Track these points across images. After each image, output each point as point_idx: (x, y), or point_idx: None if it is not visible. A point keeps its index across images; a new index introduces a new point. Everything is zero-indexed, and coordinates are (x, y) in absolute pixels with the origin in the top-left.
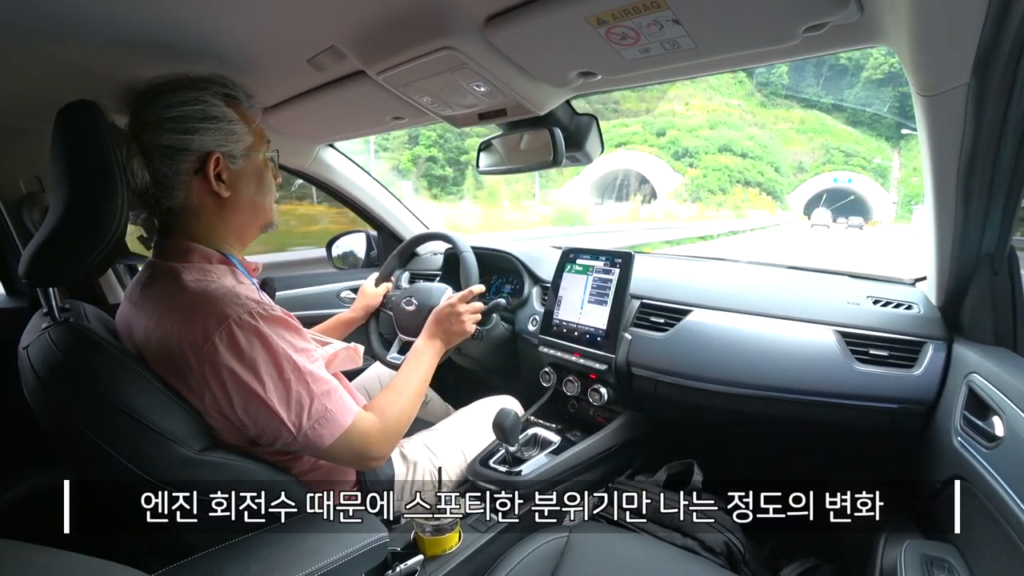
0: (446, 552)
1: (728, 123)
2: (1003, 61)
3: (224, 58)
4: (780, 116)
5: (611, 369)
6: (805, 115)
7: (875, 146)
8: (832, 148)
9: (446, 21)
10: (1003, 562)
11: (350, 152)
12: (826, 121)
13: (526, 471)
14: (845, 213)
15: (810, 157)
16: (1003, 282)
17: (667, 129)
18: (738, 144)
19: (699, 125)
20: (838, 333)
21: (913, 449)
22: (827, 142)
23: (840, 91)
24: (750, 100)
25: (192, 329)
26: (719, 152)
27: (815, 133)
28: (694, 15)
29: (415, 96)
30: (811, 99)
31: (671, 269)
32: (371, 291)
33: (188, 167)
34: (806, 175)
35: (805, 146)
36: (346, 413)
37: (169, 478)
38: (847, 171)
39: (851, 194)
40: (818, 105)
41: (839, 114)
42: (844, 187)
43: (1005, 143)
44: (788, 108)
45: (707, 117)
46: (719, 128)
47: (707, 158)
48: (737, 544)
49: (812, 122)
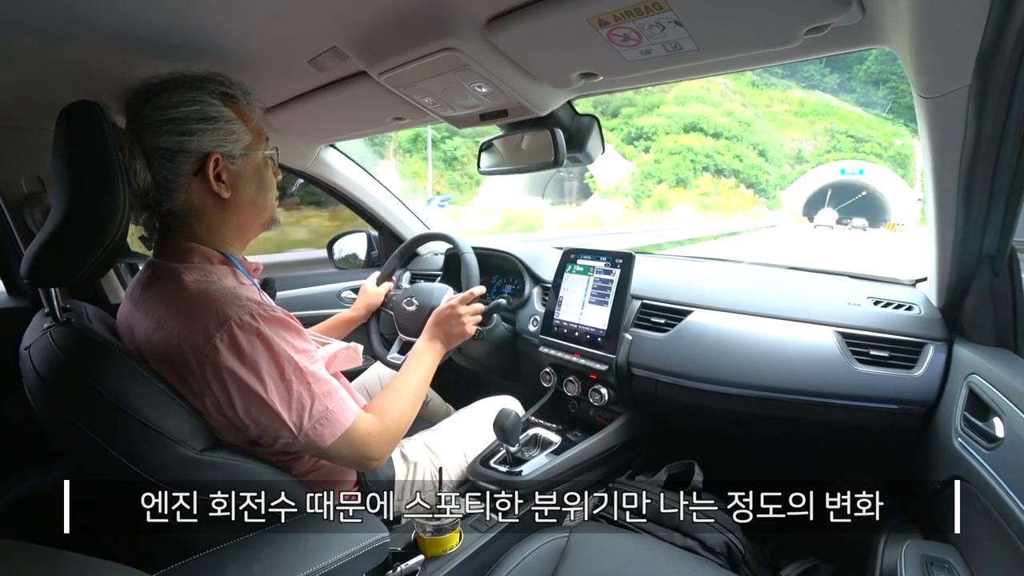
0: (447, 552)
1: (703, 98)
2: (1004, 63)
3: (226, 58)
4: (775, 98)
5: (612, 369)
6: (806, 96)
7: (892, 130)
8: (838, 133)
9: (448, 22)
10: (1003, 563)
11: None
12: (831, 103)
13: (527, 471)
14: (856, 214)
15: (811, 145)
16: (1003, 283)
17: (622, 108)
18: (710, 122)
19: (663, 101)
20: (838, 334)
21: (913, 450)
22: (832, 126)
23: (848, 67)
24: (739, 79)
25: (193, 330)
26: (684, 132)
27: (817, 116)
28: (696, 17)
29: (417, 97)
30: (813, 77)
31: (672, 269)
32: (372, 290)
33: (187, 169)
34: (806, 166)
35: (805, 131)
36: (347, 413)
37: (170, 478)
38: (858, 160)
39: (863, 189)
40: (821, 85)
41: (847, 95)
42: (854, 180)
43: (1006, 145)
44: (785, 89)
45: (676, 92)
46: (689, 104)
47: (666, 139)
48: (737, 544)
49: (814, 104)
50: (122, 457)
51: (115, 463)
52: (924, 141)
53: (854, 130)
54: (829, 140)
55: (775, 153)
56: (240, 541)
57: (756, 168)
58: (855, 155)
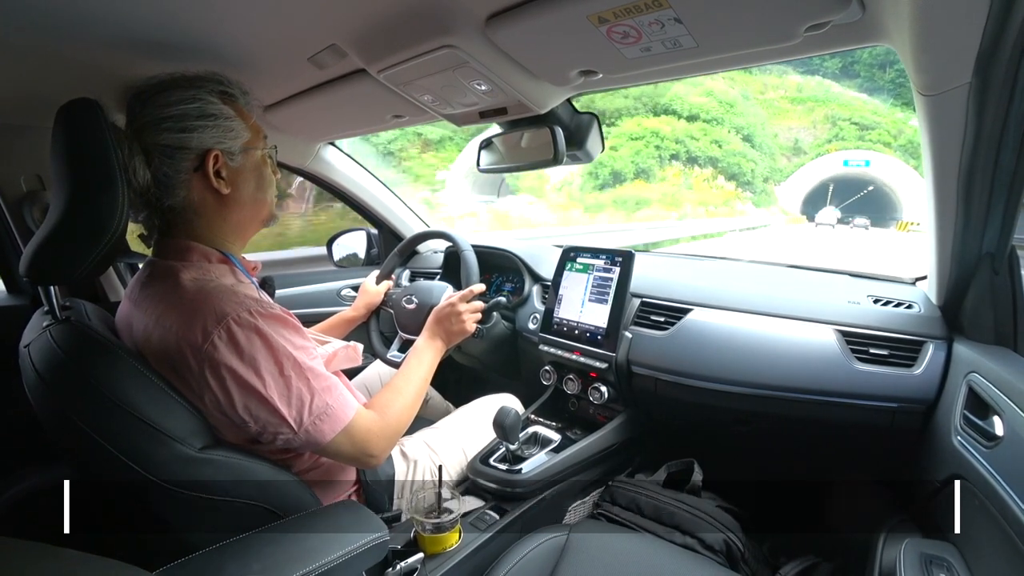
0: (446, 550)
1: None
2: (1004, 61)
3: (225, 56)
4: (770, 84)
5: (611, 368)
6: (803, 82)
7: (901, 117)
8: (840, 120)
9: (447, 19)
10: (1002, 561)
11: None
12: (832, 89)
13: (526, 469)
14: (861, 212)
15: (809, 134)
16: (1003, 281)
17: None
18: (684, 102)
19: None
20: (838, 332)
21: (913, 448)
22: (833, 113)
23: (851, 51)
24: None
25: (191, 328)
26: (652, 114)
27: (816, 103)
28: (696, 14)
29: (416, 94)
30: (812, 61)
31: (672, 268)
32: (372, 289)
33: (187, 165)
34: (804, 159)
35: (803, 119)
36: (347, 409)
37: (169, 476)
38: (863, 150)
39: (869, 183)
40: (820, 70)
41: (850, 81)
42: (859, 173)
43: (1006, 143)
44: (781, 75)
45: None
46: (662, 83)
47: (627, 123)
48: (736, 542)
49: (813, 89)
50: (121, 455)
51: (114, 461)
52: (924, 139)
53: (858, 116)
54: (830, 128)
55: (765, 140)
56: (239, 539)
57: (739, 156)
58: (860, 144)
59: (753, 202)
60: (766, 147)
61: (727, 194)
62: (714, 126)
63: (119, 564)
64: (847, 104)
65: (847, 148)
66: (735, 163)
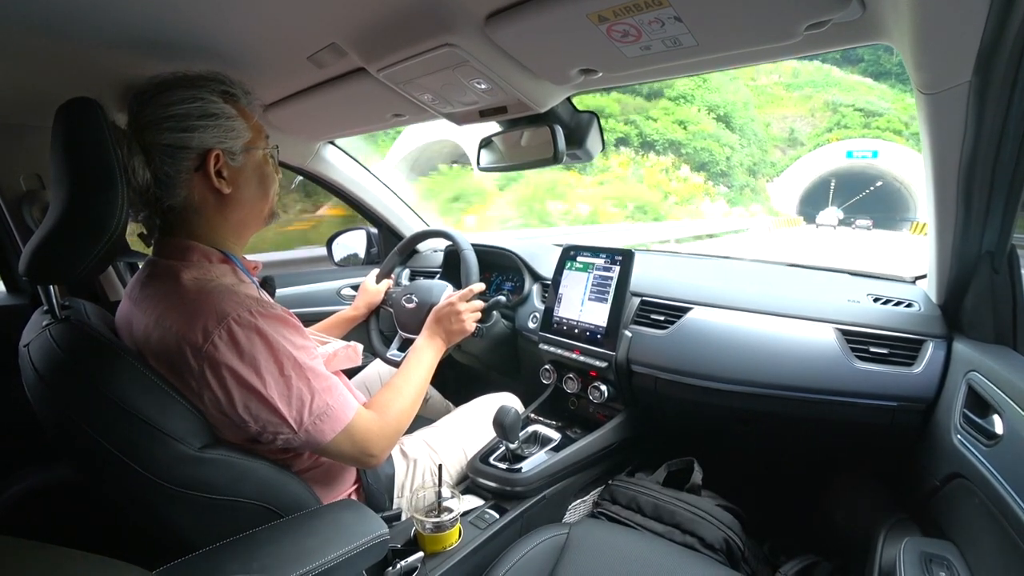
0: (446, 549)
1: None
2: (1005, 59)
3: (225, 55)
4: (762, 68)
5: (611, 366)
6: (801, 66)
7: (912, 102)
8: (843, 106)
9: (447, 18)
10: (1001, 560)
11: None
12: (832, 73)
13: (526, 468)
14: (868, 212)
15: (807, 123)
16: (1003, 280)
17: None
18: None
19: None
20: (838, 331)
21: (912, 447)
22: (834, 98)
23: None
24: None
25: (191, 328)
26: (602, 92)
27: (815, 88)
28: (696, 12)
29: (416, 93)
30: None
31: (671, 266)
32: (372, 288)
33: (189, 165)
34: (802, 151)
35: (800, 107)
36: (347, 408)
37: (169, 476)
38: (869, 139)
39: (877, 178)
40: (820, 55)
41: (852, 66)
42: (866, 165)
43: (1006, 141)
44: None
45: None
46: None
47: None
48: (736, 541)
49: (811, 74)
50: (121, 454)
51: (114, 460)
52: (924, 137)
53: (863, 102)
54: (831, 116)
55: (747, 123)
56: (240, 538)
57: (710, 140)
58: (866, 132)
59: (728, 200)
60: (749, 131)
61: (692, 188)
62: (680, 104)
63: (119, 564)
64: (850, 88)
65: (851, 137)
66: (703, 148)
